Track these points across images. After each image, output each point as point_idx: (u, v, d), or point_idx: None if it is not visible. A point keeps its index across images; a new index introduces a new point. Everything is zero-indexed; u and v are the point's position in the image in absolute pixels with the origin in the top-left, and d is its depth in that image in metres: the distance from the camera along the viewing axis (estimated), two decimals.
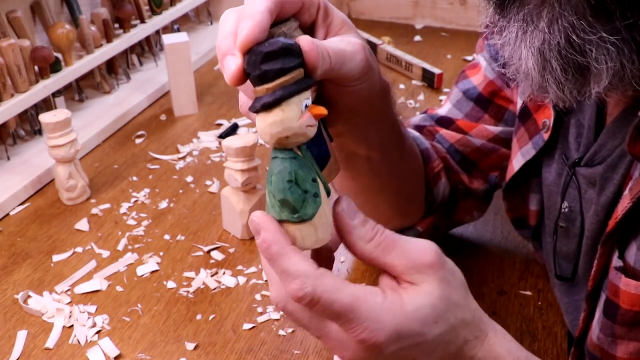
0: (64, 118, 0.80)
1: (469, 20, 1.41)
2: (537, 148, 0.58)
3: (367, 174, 0.57)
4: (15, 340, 0.64)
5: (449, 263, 0.41)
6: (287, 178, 0.37)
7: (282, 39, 0.37)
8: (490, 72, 0.68)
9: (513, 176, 0.62)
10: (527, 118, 0.60)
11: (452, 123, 0.69)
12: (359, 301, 0.38)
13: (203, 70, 1.25)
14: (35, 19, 1.03)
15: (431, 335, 0.39)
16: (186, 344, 0.63)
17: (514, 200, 0.65)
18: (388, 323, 0.38)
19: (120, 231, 0.80)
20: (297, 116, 0.36)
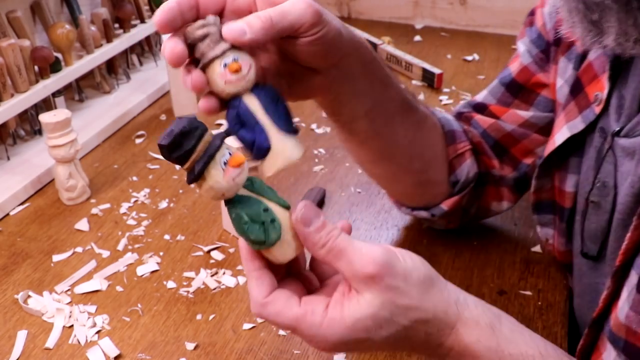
0: (64, 118, 0.80)
1: (469, 20, 1.41)
2: (587, 122, 0.57)
3: (373, 139, 0.60)
4: (15, 340, 0.64)
5: (398, 269, 0.42)
6: (242, 221, 0.43)
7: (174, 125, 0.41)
8: (526, 58, 0.69)
9: (551, 153, 0.62)
10: (579, 92, 0.59)
11: (486, 108, 0.71)
12: (299, 322, 0.43)
13: None
14: (35, 19, 1.03)
15: (379, 336, 0.42)
16: (186, 344, 0.63)
17: (544, 180, 0.64)
18: (329, 337, 0.42)
19: (120, 231, 0.80)
20: (221, 176, 0.41)
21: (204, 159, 0.41)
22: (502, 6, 1.37)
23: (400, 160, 0.64)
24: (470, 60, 1.26)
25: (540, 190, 0.66)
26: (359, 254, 0.42)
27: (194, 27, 0.43)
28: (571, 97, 0.61)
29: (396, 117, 0.60)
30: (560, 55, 0.63)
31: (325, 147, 0.97)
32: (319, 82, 0.52)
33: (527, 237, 0.77)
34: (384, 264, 0.42)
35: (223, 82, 0.44)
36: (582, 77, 0.59)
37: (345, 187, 0.88)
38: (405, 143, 0.63)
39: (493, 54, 1.28)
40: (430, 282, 0.44)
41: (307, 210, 0.43)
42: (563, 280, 0.71)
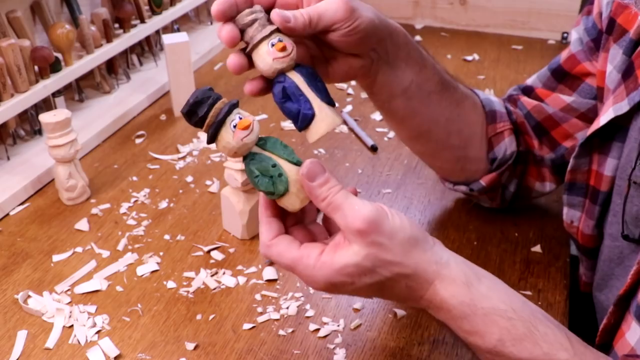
0: (64, 118, 0.80)
1: (469, 21, 1.41)
2: (632, 103, 0.57)
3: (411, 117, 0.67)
4: (15, 340, 0.64)
5: (385, 227, 0.48)
6: (253, 175, 0.50)
7: (191, 96, 0.49)
8: (576, 45, 0.71)
9: (594, 134, 0.62)
10: (629, 75, 0.60)
11: (532, 91, 0.75)
12: (296, 263, 0.49)
13: (203, 70, 1.25)
14: (35, 19, 1.03)
15: (361, 283, 0.48)
16: (186, 344, 0.63)
17: (582, 160, 0.65)
18: (319, 278, 0.48)
19: (120, 231, 0.80)
20: (231, 137, 0.49)
21: (215, 123, 0.49)
22: (502, 6, 1.36)
23: (438, 137, 0.70)
24: (471, 61, 1.26)
25: (576, 170, 0.66)
26: (352, 210, 0.48)
27: (244, 15, 0.51)
28: (621, 81, 0.61)
29: (433, 96, 0.66)
30: (612, 43, 0.64)
31: (325, 147, 0.97)
32: (357, 65, 0.59)
33: (527, 237, 0.77)
34: (372, 221, 0.47)
35: (271, 59, 0.51)
36: (635, 61, 0.60)
37: (345, 187, 0.87)
38: (442, 120, 0.68)
39: (493, 54, 1.28)
40: (414, 242, 0.49)
41: (313, 167, 0.49)
42: (563, 280, 0.71)
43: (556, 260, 0.73)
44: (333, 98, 0.54)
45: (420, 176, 0.90)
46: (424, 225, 0.80)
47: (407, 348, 0.63)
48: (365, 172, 0.91)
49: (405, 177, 0.89)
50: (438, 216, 0.81)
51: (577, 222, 0.68)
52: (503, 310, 0.48)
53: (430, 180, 0.88)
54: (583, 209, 0.67)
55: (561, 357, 0.46)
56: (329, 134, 0.54)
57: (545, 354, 0.46)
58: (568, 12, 1.31)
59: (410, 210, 0.83)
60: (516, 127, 0.75)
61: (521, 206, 0.82)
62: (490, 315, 0.48)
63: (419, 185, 0.88)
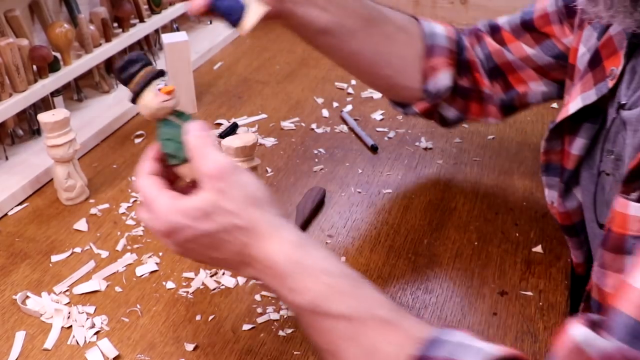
0: (63, 118, 0.80)
1: (470, 20, 1.41)
2: (600, 94, 0.59)
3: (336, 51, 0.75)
4: (14, 341, 0.64)
5: (233, 179, 0.51)
6: (163, 137, 0.56)
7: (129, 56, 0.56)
8: (552, 5, 0.74)
9: (564, 119, 0.64)
10: (597, 64, 0.61)
11: (498, 31, 0.79)
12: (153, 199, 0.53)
13: (202, 70, 1.24)
14: (33, 18, 1.03)
15: (200, 229, 0.51)
16: (185, 345, 0.63)
17: (554, 143, 0.67)
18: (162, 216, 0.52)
19: (119, 231, 0.79)
20: (153, 97, 0.54)
21: (141, 83, 0.55)
22: (502, 5, 1.36)
23: (365, 69, 0.77)
24: None
25: (550, 152, 0.68)
26: (212, 157, 0.52)
27: None
28: (589, 69, 0.62)
29: (357, 34, 0.72)
30: (587, 24, 0.65)
31: (325, 147, 0.96)
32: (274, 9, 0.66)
33: (528, 237, 0.77)
34: (223, 169, 0.51)
35: None
36: (602, 50, 0.61)
37: (345, 187, 0.87)
38: (368, 55, 0.75)
39: None
40: (256, 200, 0.51)
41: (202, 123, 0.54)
42: (564, 281, 0.70)
43: (557, 260, 0.73)
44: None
45: (421, 176, 0.89)
46: (424, 226, 0.80)
47: None
48: (365, 172, 0.90)
49: (405, 177, 0.89)
50: (438, 216, 0.81)
51: (556, 202, 0.69)
52: (328, 271, 0.49)
53: (430, 180, 0.88)
54: (558, 188, 0.69)
55: (380, 313, 0.47)
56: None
57: (366, 308, 0.47)
58: None
59: (410, 210, 0.82)
60: (463, 64, 0.78)
61: (521, 207, 0.82)
62: (315, 274, 0.49)
63: (419, 185, 0.87)
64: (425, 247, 0.76)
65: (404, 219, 0.81)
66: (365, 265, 0.73)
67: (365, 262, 0.73)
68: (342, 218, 0.81)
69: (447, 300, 0.68)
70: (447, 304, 0.67)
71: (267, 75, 1.21)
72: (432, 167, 0.91)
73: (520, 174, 0.89)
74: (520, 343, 0.62)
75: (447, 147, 0.96)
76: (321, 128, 1.01)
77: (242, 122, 1.04)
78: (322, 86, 1.15)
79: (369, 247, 0.76)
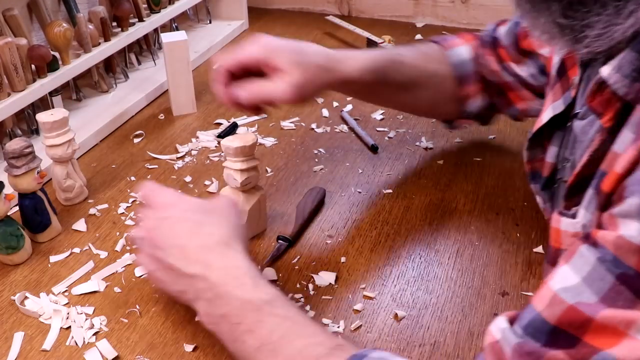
0: (61, 117, 0.79)
1: (470, 19, 1.40)
2: (566, 103, 0.61)
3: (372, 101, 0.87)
4: (12, 342, 0.63)
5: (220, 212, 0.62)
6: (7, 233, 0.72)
7: None
8: None
9: (539, 128, 0.65)
10: (563, 74, 0.63)
11: (497, 47, 0.81)
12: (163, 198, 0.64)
13: (202, 69, 1.24)
14: (32, 18, 1.03)
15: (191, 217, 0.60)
16: (185, 346, 0.63)
17: (535, 151, 0.68)
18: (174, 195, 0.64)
19: (118, 232, 0.79)
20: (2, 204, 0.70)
21: None
22: (503, 4, 1.36)
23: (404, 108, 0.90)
24: None
25: (533, 160, 0.69)
26: None
27: None
28: (557, 78, 0.64)
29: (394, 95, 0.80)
30: None
31: (325, 147, 0.96)
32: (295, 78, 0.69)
33: (529, 238, 0.76)
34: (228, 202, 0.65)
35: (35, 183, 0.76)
36: (567, 60, 0.63)
37: (345, 187, 0.87)
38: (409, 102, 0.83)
39: None
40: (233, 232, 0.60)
41: None
42: None
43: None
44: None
45: (421, 176, 0.89)
46: (425, 226, 0.79)
47: (408, 350, 0.62)
48: (365, 172, 0.90)
49: (406, 177, 0.89)
50: (439, 216, 0.81)
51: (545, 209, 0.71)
52: None
53: (431, 180, 0.88)
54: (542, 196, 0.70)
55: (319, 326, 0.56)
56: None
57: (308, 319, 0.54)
58: None
59: (411, 210, 0.82)
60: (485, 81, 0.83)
61: (522, 207, 0.81)
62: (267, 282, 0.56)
63: (419, 185, 0.87)
64: (426, 247, 0.76)
65: (404, 219, 0.80)
66: (366, 266, 0.73)
67: (366, 262, 0.73)
68: (342, 218, 0.81)
69: (448, 300, 0.68)
70: (447, 305, 0.67)
71: None
72: (432, 167, 0.91)
73: (521, 174, 0.88)
74: None
75: (448, 147, 0.96)
76: (321, 128, 1.01)
77: (242, 121, 1.03)
78: None
79: (369, 247, 0.76)
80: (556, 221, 0.54)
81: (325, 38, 1.38)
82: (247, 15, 1.45)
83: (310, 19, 1.49)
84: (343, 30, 1.37)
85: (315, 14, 1.53)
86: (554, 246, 0.55)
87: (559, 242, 0.54)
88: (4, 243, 0.71)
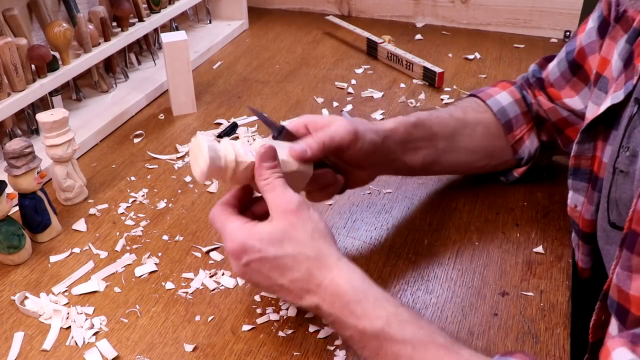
0: (61, 117, 0.79)
1: (470, 19, 1.40)
2: (627, 92, 0.59)
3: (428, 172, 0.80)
4: (12, 342, 0.63)
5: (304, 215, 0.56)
6: (8, 232, 0.71)
7: None
8: (587, 37, 0.73)
9: (594, 120, 0.64)
10: (629, 64, 0.61)
11: (545, 87, 0.80)
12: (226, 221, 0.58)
13: (202, 69, 1.24)
14: (32, 18, 1.03)
15: (269, 253, 0.55)
16: (185, 346, 0.63)
17: (585, 148, 0.67)
18: (237, 237, 0.56)
19: (118, 232, 0.79)
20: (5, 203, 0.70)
21: None
22: (503, 4, 1.36)
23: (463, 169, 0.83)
24: (472, 59, 1.25)
25: (580, 156, 0.67)
26: (283, 194, 0.57)
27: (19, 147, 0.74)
28: (623, 69, 0.62)
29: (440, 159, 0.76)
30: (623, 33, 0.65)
31: None
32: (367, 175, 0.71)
33: (529, 238, 0.76)
34: (297, 206, 0.56)
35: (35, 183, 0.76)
36: (636, 49, 0.61)
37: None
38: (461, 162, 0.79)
39: (494, 53, 1.28)
40: (324, 235, 0.57)
41: (268, 151, 0.59)
42: (566, 282, 0.70)
43: (558, 261, 0.73)
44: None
45: (421, 176, 0.89)
46: (425, 226, 0.79)
47: None
48: None
49: (406, 177, 0.89)
50: (439, 216, 0.81)
51: (580, 207, 0.69)
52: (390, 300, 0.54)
53: (431, 180, 0.88)
54: (586, 194, 0.68)
55: (440, 340, 0.51)
56: None
57: (427, 335, 0.51)
58: (570, 10, 1.30)
59: (411, 210, 0.82)
60: (537, 119, 0.81)
61: (522, 207, 0.81)
62: (379, 301, 0.54)
63: (420, 185, 0.87)
64: (426, 247, 0.76)
65: (404, 219, 0.80)
66: (366, 266, 0.73)
67: (366, 262, 0.73)
68: (342, 218, 0.81)
69: (448, 300, 0.68)
70: (447, 305, 0.67)
71: (267, 75, 1.21)
72: None
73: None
74: (521, 344, 0.62)
75: None
76: None
77: (242, 121, 1.03)
78: (322, 86, 1.15)
79: (369, 247, 0.76)
80: None
81: (325, 38, 1.38)
82: (247, 15, 1.45)
83: (310, 19, 1.49)
84: (343, 30, 1.37)
85: (315, 14, 1.53)
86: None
87: None
88: (5, 242, 0.71)
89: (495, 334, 0.63)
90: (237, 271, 0.58)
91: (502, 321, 0.65)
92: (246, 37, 1.41)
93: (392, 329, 0.51)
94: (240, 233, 0.56)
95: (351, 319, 0.53)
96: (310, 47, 1.33)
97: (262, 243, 0.55)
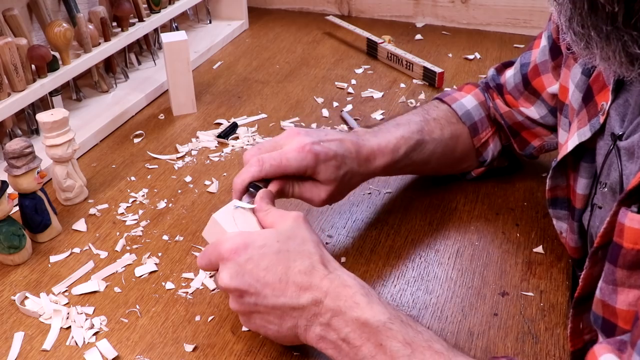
0: (62, 117, 0.79)
1: (470, 19, 1.40)
2: (593, 130, 0.60)
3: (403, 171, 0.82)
4: (12, 342, 0.63)
5: (308, 225, 0.60)
6: (9, 233, 0.72)
7: None
8: (541, 55, 0.76)
9: (564, 156, 0.64)
10: (590, 100, 0.62)
11: (503, 93, 0.83)
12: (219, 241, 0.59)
13: (202, 69, 1.24)
14: (32, 18, 1.03)
15: (272, 249, 0.56)
16: (185, 346, 0.63)
17: (558, 180, 0.68)
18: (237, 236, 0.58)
19: (118, 232, 0.79)
20: (6, 203, 0.70)
21: None
22: (503, 4, 1.36)
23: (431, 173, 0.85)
24: (472, 59, 1.25)
25: (555, 188, 0.68)
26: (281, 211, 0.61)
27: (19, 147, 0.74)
28: (583, 105, 0.63)
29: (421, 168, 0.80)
30: (573, 62, 0.66)
31: None
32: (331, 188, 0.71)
33: (529, 238, 0.76)
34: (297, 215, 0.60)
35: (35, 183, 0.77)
36: (593, 85, 0.62)
37: None
38: (434, 166, 0.80)
39: (494, 53, 1.28)
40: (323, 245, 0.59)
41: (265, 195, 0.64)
42: (565, 282, 0.70)
43: (558, 261, 0.73)
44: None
45: (421, 176, 0.89)
46: (425, 226, 0.79)
47: None
48: None
49: (406, 177, 0.89)
50: (439, 216, 0.81)
51: (565, 234, 0.70)
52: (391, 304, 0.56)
53: (431, 180, 0.88)
54: (568, 221, 0.69)
55: (436, 347, 0.51)
56: None
57: (425, 340, 0.52)
58: None
59: (411, 210, 0.82)
60: (495, 122, 0.83)
61: (522, 207, 0.81)
62: (382, 300, 0.55)
63: (420, 185, 0.87)
64: (426, 247, 0.76)
65: (404, 219, 0.80)
66: (366, 266, 0.73)
67: (366, 262, 0.73)
68: (342, 218, 0.81)
69: (448, 300, 0.68)
70: (447, 305, 0.67)
71: (267, 75, 1.21)
72: None
73: (521, 174, 0.88)
74: (521, 344, 0.62)
75: None
76: (321, 128, 1.01)
77: (242, 121, 1.03)
78: (322, 86, 1.15)
79: (369, 247, 0.76)
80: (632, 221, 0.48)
81: (325, 38, 1.38)
82: (247, 15, 1.45)
83: (310, 19, 1.49)
84: (343, 30, 1.37)
85: (315, 14, 1.53)
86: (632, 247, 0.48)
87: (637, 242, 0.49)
88: (6, 242, 0.71)
89: (495, 334, 0.63)
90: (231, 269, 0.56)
91: (502, 321, 0.65)
92: (246, 37, 1.41)
93: (395, 326, 0.52)
94: (240, 234, 0.58)
95: (355, 310, 0.53)
96: (310, 47, 1.33)
97: (266, 239, 0.57)
